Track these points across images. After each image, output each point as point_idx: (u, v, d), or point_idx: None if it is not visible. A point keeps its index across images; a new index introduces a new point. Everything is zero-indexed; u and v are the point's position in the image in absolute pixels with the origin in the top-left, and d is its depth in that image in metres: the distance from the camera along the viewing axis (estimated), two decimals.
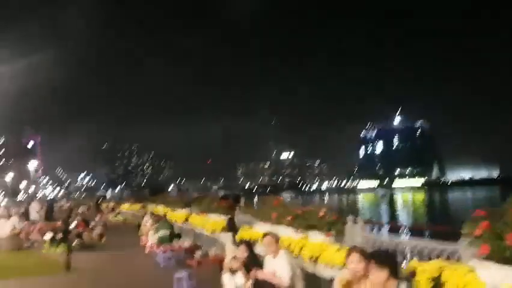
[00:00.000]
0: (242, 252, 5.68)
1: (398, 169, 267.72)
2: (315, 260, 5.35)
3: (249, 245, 5.83)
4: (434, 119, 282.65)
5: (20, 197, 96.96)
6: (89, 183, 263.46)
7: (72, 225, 14.73)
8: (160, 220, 13.60)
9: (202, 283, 7.97)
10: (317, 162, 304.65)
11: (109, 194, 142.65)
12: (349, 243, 5.17)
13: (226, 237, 8.26)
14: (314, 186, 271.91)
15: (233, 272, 5.62)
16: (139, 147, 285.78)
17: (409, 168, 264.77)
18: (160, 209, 18.49)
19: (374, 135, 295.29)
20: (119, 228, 21.49)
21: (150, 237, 13.07)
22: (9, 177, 71.18)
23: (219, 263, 8.77)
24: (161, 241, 11.97)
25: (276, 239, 5.40)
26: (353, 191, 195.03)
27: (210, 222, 10.30)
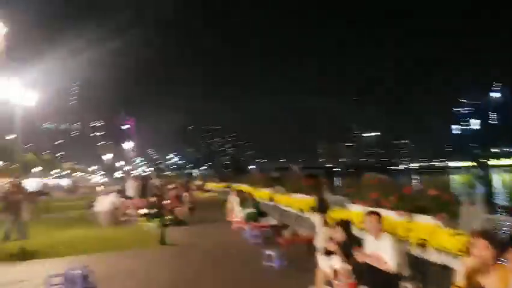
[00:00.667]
0: (339, 234, 5.24)
1: (495, 148, 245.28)
2: (423, 244, 4.75)
3: (347, 225, 5.36)
4: None
5: (117, 175, 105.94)
6: (178, 162, 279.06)
7: (165, 201, 15.39)
8: (245, 198, 13.64)
9: (291, 262, 7.73)
10: (405, 141, 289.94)
11: (195, 172, 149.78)
12: (466, 227, 4.49)
13: (316, 218, 7.87)
14: (401, 166, 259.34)
15: (329, 253, 5.23)
16: (222, 129, 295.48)
17: (507, 148, 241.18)
18: (244, 187, 18.63)
19: (468, 111, 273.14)
20: (206, 204, 22.21)
21: (237, 214, 13.18)
22: (108, 157, 77.81)
23: (308, 242, 8.46)
24: (248, 218, 11.98)
25: (380, 218, 4.88)
26: (445, 171, 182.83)
27: (297, 201, 9.99)
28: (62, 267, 8.22)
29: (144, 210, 15.10)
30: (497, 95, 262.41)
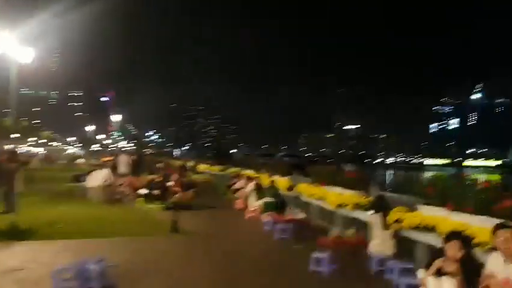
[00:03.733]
0: (455, 249, 4.11)
1: (472, 148, 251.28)
2: None
3: (467, 240, 4.24)
4: None
5: (95, 148, 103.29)
6: (157, 140, 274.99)
7: (170, 183, 14.11)
8: (262, 185, 12.55)
9: (344, 269, 6.63)
10: (383, 135, 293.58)
11: (176, 152, 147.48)
12: None
13: (374, 218, 6.78)
14: (378, 160, 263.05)
15: (440, 274, 4.11)
16: (205, 109, 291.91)
17: (485, 149, 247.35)
18: (250, 173, 17.50)
19: (448, 110, 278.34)
20: (202, 188, 20.95)
21: (251, 202, 12.08)
22: (89, 128, 75.28)
23: (355, 246, 7.43)
24: (266, 208, 10.89)
25: None
26: (420, 168, 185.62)
27: (335, 196, 8.85)
28: (66, 254, 7.05)
29: (144, 190, 13.78)
30: (478, 96, 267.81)
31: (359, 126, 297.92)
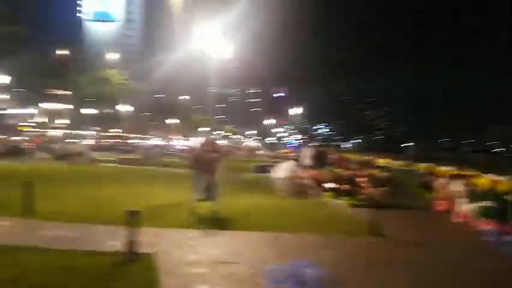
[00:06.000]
0: None
1: None
2: None
3: None
4: None
5: (270, 140, 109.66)
6: (325, 133, 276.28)
7: (360, 178, 13.13)
8: (474, 186, 10.51)
9: None
10: None
11: (345, 145, 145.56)
12: None
13: None
14: None
15: None
16: (377, 100, 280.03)
17: None
18: (450, 170, 15.28)
19: None
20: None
21: (460, 205, 10.17)
22: (269, 122, 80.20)
23: None
24: (483, 214, 8.90)
25: None
26: None
27: None
28: (264, 248, 6.83)
29: (331, 185, 13.06)
30: None
31: None
